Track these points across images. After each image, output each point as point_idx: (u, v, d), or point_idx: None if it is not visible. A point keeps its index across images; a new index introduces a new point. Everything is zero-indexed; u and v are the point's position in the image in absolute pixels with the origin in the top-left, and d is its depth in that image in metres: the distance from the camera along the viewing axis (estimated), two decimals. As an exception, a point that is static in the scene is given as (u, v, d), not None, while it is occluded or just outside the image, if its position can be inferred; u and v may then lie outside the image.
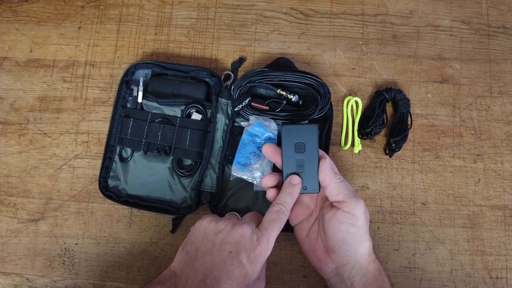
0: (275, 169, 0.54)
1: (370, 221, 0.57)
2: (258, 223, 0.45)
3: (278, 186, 0.50)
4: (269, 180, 0.49)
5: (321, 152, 0.50)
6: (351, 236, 0.46)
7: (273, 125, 0.55)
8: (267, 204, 0.56)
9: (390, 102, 0.60)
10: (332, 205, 0.48)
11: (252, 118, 0.56)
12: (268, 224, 0.44)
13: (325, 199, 0.50)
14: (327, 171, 0.48)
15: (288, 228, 0.53)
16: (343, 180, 0.48)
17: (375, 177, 0.59)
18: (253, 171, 0.54)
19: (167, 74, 0.60)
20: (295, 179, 0.48)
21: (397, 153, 0.59)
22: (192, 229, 0.46)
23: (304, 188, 0.49)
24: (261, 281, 0.46)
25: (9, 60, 0.63)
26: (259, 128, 0.54)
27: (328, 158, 0.49)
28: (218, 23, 0.64)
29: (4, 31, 0.64)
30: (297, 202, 0.51)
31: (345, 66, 0.63)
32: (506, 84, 0.62)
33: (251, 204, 0.57)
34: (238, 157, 0.55)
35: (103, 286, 0.56)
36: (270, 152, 0.51)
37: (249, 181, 0.54)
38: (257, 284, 0.45)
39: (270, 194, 0.49)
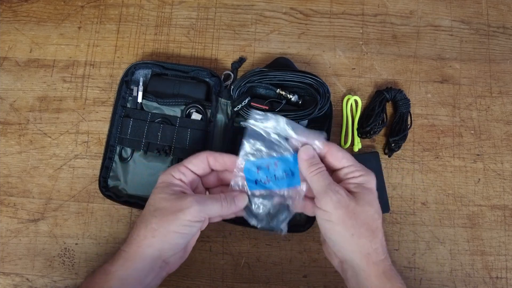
0: None
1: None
2: None
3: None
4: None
5: (303, 140, 0.47)
6: (329, 231, 0.44)
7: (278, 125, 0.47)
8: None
9: (390, 101, 0.60)
10: None
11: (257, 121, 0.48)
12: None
13: None
14: (301, 164, 0.46)
15: (289, 228, 0.53)
16: (320, 171, 0.45)
17: (375, 177, 0.59)
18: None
19: (167, 74, 0.60)
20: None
21: (397, 153, 0.59)
22: None
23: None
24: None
25: (9, 60, 0.63)
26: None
27: (308, 147, 0.46)
28: (218, 23, 0.64)
29: (4, 31, 0.64)
30: None
31: (345, 66, 0.63)
32: (506, 84, 0.62)
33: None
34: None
35: (103, 286, 0.56)
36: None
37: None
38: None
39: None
